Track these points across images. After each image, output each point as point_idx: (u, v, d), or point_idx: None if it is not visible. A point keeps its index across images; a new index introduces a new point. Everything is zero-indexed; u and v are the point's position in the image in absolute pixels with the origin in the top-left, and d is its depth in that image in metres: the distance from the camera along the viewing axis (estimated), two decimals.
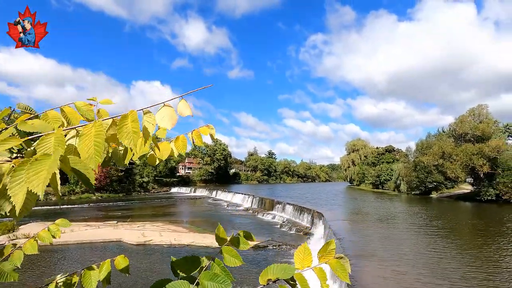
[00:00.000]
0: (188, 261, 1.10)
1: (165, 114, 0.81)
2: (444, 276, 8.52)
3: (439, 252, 11.50)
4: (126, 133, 0.75)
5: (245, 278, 12.82)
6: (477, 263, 9.95)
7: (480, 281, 8.25)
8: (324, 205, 29.86)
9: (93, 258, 15.69)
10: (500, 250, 11.72)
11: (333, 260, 1.08)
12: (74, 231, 21.23)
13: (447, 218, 20.97)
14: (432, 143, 44.38)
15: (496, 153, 33.25)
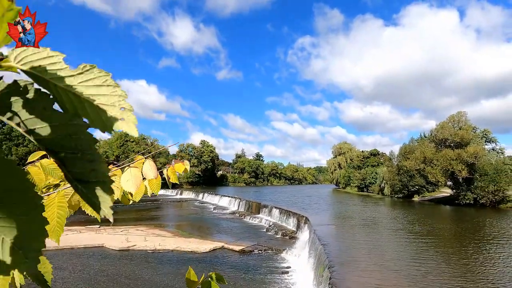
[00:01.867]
0: None
1: (130, 177, 0.85)
2: (425, 282, 8.80)
3: (420, 257, 11.86)
4: None
5: (233, 283, 12.80)
6: (455, 267, 10.34)
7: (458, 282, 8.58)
8: (310, 208, 30.18)
9: (74, 265, 15.26)
10: (477, 254, 12.21)
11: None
12: None
13: (429, 222, 21.64)
14: (414, 147, 45.73)
15: (474, 159, 34.63)
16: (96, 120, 0.33)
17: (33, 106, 0.32)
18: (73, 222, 28.58)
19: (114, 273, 14.14)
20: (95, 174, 0.35)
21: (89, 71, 0.35)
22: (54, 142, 0.32)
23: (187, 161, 1.40)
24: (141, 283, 12.91)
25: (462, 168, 34.79)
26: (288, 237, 21.70)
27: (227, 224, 28.37)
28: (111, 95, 0.35)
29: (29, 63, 0.33)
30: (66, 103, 0.33)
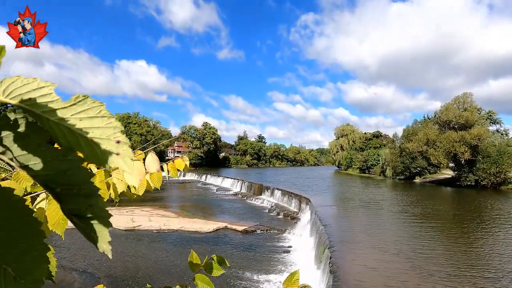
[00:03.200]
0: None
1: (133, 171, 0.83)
2: (424, 262, 9.02)
3: (419, 238, 12.08)
4: None
5: (236, 262, 13.20)
6: (454, 247, 10.55)
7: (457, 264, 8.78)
8: (312, 190, 30.53)
9: (82, 244, 15.73)
10: (476, 235, 12.42)
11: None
12: None
13: (429, 203, 21.87)
14: (417, 129, 45.43)
15: (478, 141, 34.43)
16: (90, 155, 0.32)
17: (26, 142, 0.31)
18: None
19: (120, 251, 14.60)
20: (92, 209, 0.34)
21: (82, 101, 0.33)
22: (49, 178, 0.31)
23: (186, 157, 1.39)
24: (147, 261, 13.35)
25: (465, 150, 34.68)
26: (290, 217, 22.11)
27: (230, 205, 28.88)
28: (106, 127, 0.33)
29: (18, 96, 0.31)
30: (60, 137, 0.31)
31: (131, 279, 11.18)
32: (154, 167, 0.87)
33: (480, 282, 7.46)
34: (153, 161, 0.87)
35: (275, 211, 24.35)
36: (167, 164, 1.33)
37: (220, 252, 14.62)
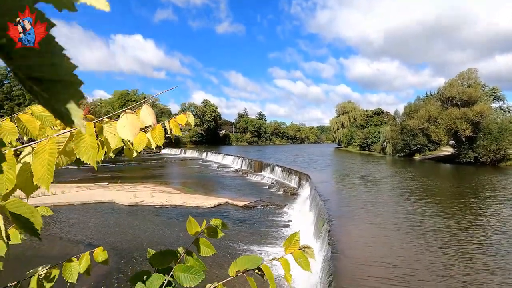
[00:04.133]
0: (164, 255, 1.14)
1: (127, 123, 0.78)
2: (421, 236, 9.24)
3: (417, 213, 12.31)
4: (85, 148, 0.72)
5: (237, 235, 13.58)
6: (451, 222, 10.78)
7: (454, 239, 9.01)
8: (312, 166, 30.78)
9: (87, 219, 16.13)
10: (473, 210, 12.65)
11: (297, 251, 1.15)
12: (65, 193, 21.47)
13: (428, 180, 22.12)
14: (419, 106, 44.95)
15: (480, 118, 34.16)
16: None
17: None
18: (82, 179, 29.64)
19: (124, 225, 14.99)
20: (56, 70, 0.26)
21: None
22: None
23: (190, 112, 1.33)
24: (150, 234, 13.73)
25: (467, 127, 34.52)
26: (289, 193, 22.48)
27: (231, 182, 29.28)
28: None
29: None
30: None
31: (136, 251, 11.55)
32: (150, 120, 0.82)
33: (476, 256, 7.67)
34: (148, 113, 0.81)
35: (275, 187, 24.71)
36: (169, 121, 1.26)
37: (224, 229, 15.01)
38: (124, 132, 0.76)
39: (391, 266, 6.84)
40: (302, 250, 1.18)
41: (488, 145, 33.68)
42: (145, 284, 1.05)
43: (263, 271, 1.14)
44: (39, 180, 0.65)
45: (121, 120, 0.77)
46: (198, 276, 1.10)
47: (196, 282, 1.09)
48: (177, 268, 1.11)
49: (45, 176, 0.65)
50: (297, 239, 1.18)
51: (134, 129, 0.77)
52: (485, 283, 6.03)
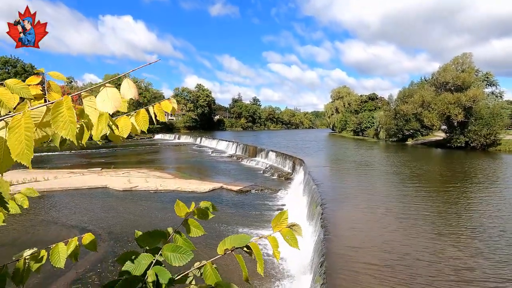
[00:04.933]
0: (152, 235, 1.14)
1: (106, 97, 0.74)
2: (411, 218, 9.48)
3: (408, 196, 12.59)
4: (63, 123, 0.69)
5: (231, 219, 13.78)
6: (442, 206, 11.06)
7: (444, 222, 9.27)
8: (306, 151, 30.98)
9: (81, 204, 16.11)
10: (462, 193, 12.99)
11: (285, 229, 1.16)
12: (58, 178, 21.32)
13: (419, 164, 22.50)
14: (413, 91, 45.05)
15: (472, 103, 34.46)
16: None
17: None
18: (75, 165, 29.40)
19: (119, 210, 15.04)
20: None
21: None
22: None
23: (174, 99, 1.29)
24: (145, 218, 13.83)
25: (459, 112, 34.86)
26: (284, 178, 22.70)
27: (225, 167, 29.38)
28: None
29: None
30: None
31: (131, 235, 11.65)
32: (131, 93, 0.78)
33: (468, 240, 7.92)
34: (129, 87, 0.78)
35: (270, 172, 24.90)
36: (153, 106, 1.23)
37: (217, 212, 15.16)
38: (104, 106, 0.73)
39: (382, 248, 7.04)
40: (290, 228, 1.19)
41: (479, 130, 34.19)
42: (133, 263, 1.04)
43: (252, 249, 1.14)
44: (18, 156, 0.62)
45: (101, 94, 0.73)
46: (187, 255, 1.10)
47: (185, 261, 1.09)
48: (166, 247, 1.10)
49: (24, 152, 0.62)
50: (285, 217, 1.19)
51: (115, 102, 0.74)
52: (477, 268, 6.07)
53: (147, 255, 1.08)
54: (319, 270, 6.08)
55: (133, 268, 1.03)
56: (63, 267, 1.26)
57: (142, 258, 1.07)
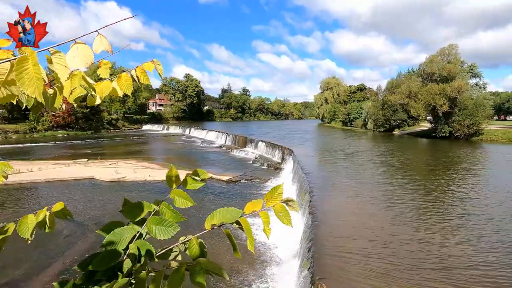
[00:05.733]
0: (137, 207, 1.10)
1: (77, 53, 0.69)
2: (396, 204, 9.73)
3: (393, 184, 12.90)
4: (28, 80, 0.64)
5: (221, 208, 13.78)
6: (426, 194, 11.40)
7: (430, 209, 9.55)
8: (295, 141, 31.16)
9: (68, 195, 15.78)
10: (444, 181, 13.40)
11: (278, 204, 1.13)
12: (42, 170, 20.76)
13: (405, 153, 23.02)
14: (401, 82, 45.66)
15: (457, 93, 35.27)
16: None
17: None
18: (60, 156, 28.65)
19: (106, 201, 14.83)
20: None
21: None
22: None
23: (158, 60, 1.23)
24: None
25: (444, 102, 35.65)
26: (273, 168, 22.82)
27: (215, 157, 29.26)
28: None
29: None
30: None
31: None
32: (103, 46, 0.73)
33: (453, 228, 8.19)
34: (101, 42, 0.73)
35: (259, 162, 24.97)
36: (135, 69, 1.17)
37: (205, 201, 15.12)
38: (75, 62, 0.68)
39: (369, 234, 7.22)
40: (285, 203, 1.15)
41: (463, 120, 35.15)
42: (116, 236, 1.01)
43: (241, 225, 1.12)
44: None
45: (71, 51, 0.68)
46: (172, 229, 1.07)
47: (170, 235, 1.06)
48: (150, 220, 1.07)
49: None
50: (280, 191, 1.15)
51: (86, 58, 0.69)
52: (463, 255, 6.11)
53: (131, 228, 1.05)
54: (307, 255, 6.19)
55: (115, 241, 1.00)
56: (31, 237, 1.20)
57: (125, 230, 1.04)
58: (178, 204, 1.19)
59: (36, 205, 14.20)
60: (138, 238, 1.03)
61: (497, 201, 9.98)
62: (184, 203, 1.20)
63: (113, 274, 0.93)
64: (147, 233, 1.07)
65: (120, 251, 0.96)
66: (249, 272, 7.93)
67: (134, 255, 0.97)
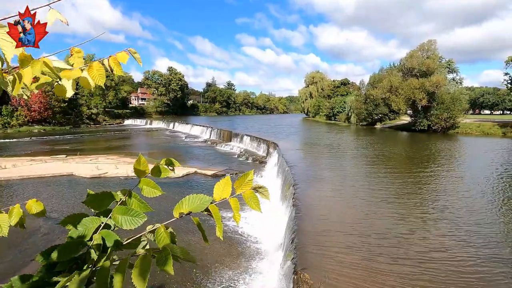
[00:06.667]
0: (101, 197, 1.06)
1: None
2: (378, 194, 10.01)
3: (375, 175, 13.26)
4: None
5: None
6: (405, 184, 11.78)
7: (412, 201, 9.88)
8: (280, 135, 31.34)
9: (45, 192, 15.21)
10: (423, 171, 13.91)
11: (248, 191, 1.13)
12: (17, 166, 19.87)
13: (385, 146, 23.68)
14: (383, 77, 46.73)
15: (435, 88, 36.51)
16: None
17: None
18: (36, 152, 27.48)
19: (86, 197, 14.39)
20: None
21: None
22: None
23: (134, 49, 1.17)
24: None
25: (423, 97, 36.83)
26: (258, 162, 22.88)
27: (200, 152, 28.99)
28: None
29: None
30: None
31: None
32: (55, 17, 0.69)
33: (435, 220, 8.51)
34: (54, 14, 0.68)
35: (244, 156, 24.97)
36: (108, 58, 1.11)
37: None
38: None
39: (351, 226, 7.40)
40: (255, 190, 1.15)
41: (441, 114, 36.51)
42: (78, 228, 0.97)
43: (211, 212, 1.11)
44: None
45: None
46: (139, 218, 1.04)
47: (136, 225, 1.03)
48: (116, 210, 1.04)
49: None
50: (250, 178, 1.16)
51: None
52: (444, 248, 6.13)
53: (95, 218, 1.02)
54: (290, 246, 6.28)
55: (79, 232, 0.97)
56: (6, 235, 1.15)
57: (89, 221, 1.00)
58: (146, 193, 1.16)
59: (10, 203, 13.58)
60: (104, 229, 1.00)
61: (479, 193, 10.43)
62: (152, 192, 1.17)
63: (75, 265, 0.90)
64: (115, 225, 1.03)
65: (84, 242, 0.93)
66: (234, 265, 7.97)
67: (98, 245, 0.94)
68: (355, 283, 4.80)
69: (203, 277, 7.39)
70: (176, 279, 7.35)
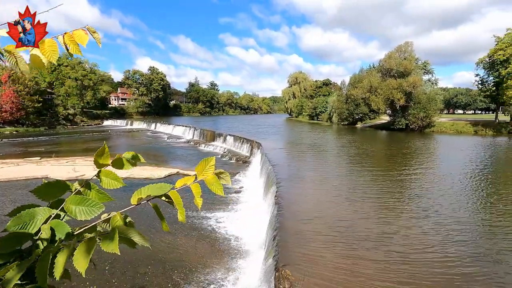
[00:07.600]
0: (52, 186, 0.99)
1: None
2: (358, 191, 10.21)
3: (356, 173, 13.54)
4: None
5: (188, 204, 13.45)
6: (383, 179, 12.11)
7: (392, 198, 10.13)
8: (263, 135, 31.42)
9: (18, 196, 14.44)
10: (401, 169, 14.36)
11: (210, 176, 1.10)
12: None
13: (365, 144, 24.29)
14: (363, 77, 47.94)
15: (412, 88, 37.88)
16: None
17: None
18: (8, 155, 26.08)
19: None
20: None
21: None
22: None
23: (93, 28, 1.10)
24: None
25: (401, 96, 38.12)
26: (241, 161, 22.82)
27: (182, 152, 28.55)
28: None
29: None
30: None
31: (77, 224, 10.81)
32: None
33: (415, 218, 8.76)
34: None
35: (228, 156, 24.83)
36: (63, 35, 1.03)
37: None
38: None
39: (332, 223, 7.51)
40: (216, 175, 1.13)
41: (417, 113, 37.91)
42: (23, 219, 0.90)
43: (171, 198, 1.07)
44: None
45: None
46: (96, 209, 0.98)
47: (93, 215, 0.97)
48: (70, 200, 0.97)
49: None
50: (212, 164, 1.13)
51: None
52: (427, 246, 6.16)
53: (45, 209, 0.95)
54: (272, 243, 6.28)
55: (24, 223, 0.89)
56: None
57: (38, 212, 0.93)
58: (106, 185, 1.10)
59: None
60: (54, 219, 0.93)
61: (458, 189, 10.89)
62: (112, 184, 1.11)
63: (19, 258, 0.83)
64: (66, 215, 0.97)
65: (28, 233, 0.86)
66: (217, 265, 7.88)
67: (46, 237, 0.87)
68: (336, 277, 4.86)
69: (184, 278, 7.25)
70: (156, 281, 7.17)
